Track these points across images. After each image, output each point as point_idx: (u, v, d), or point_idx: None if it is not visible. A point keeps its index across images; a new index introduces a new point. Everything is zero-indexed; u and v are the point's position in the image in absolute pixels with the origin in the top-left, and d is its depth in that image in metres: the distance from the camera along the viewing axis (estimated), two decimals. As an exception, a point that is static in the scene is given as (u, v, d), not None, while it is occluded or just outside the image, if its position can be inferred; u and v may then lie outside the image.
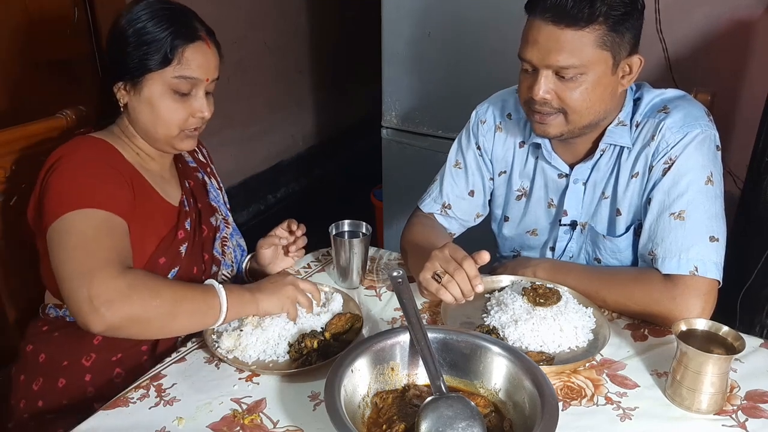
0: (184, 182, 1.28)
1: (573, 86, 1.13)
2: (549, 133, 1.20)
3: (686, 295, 1.11)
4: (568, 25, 1.08)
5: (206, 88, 1.17)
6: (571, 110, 1.15)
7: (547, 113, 1.16)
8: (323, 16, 3.61)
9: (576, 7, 1.07)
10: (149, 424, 0.94)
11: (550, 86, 1.13)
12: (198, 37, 1.15)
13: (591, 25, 1.08)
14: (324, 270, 1.37)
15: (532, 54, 1.13)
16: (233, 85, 3.05)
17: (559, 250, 1.36)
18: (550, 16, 1.09)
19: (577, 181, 1.29)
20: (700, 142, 1.16)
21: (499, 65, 2.14)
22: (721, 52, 2.42)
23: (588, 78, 1.12)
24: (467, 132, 1.41)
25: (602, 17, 1.08)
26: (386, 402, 0.94)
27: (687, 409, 0.96)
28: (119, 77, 1.15)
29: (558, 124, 1.18)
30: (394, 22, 2.31)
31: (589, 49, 1.10)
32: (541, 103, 1.15)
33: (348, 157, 4.01)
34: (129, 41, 1.13)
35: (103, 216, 1.05)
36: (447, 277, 1.07)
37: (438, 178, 1.44)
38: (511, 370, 0.94)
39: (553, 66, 1.12)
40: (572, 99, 1.14)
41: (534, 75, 1.15)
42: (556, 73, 1.13)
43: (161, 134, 1.17)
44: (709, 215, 1.14)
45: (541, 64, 1.12)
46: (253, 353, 1.05)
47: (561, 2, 1.08)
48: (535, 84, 1.14)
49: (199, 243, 1.24)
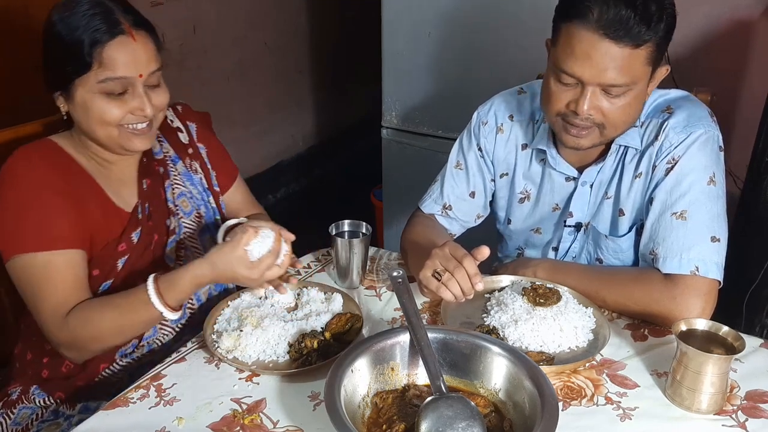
0: (141, 183, 1.21)
1: (617, 102, 1.10)
2: (582, 146, 1.17)
3: (686, 294, 1.10)
4: (627, 42, 1.03)
5: (146, 82, 1.10)
6: (610, 125, 1.13)
7: (584, 127, 1.13)
8: (323, 16, 3.61)
9: (638, 25, 1.02)
10: (149, 424, 0.94)
11: (596, 102, 1.10)
12: (119, 31, 1.06)
13: (647, 43, 1.05)
14: (324, 270, 1.36)
15: (582, 69, 1.07)
16: (233, 85, 3.05)
17: (563, 250, 1.36)
18: (610, 33, 1.03)
19: (585, 184, 1.28)
20: (703, 143, 1.16)
21: (499, 65, 2.15)
22: (721, 52, 2.42)
23: (632, 93, 1.10)
24: (468, 133, 1.40)
25: (656, 34, 1.05)
26: (386, 402, 0.94)
27: (687, 409, 0.96)
28: (53, 87, 1.11)
29: (593, 137, 1.15)
30: (394, 22, 2.31)
31: (640, 67, 1.07)
32: (583, 118, 1.11)
33: (348, 157, 4.01)
34: (49, 50, 1.08)
35: (41, 260, 1.07)
36: (447, 275, 1.06)
37: (439, 179, 1.44)
38: (511, 370, 0.94)
39: (605, 84, 1.07)
40: (615, 114, 1.11)
41: (575, 89, 1.10)
42: (602, 89, 1.08)
43: (102, 136, 1.11)
44: (711, 215, 1.14)
45: (593, 81, 1.07)
46: (253, 353, 1.05)
47: (622, 18, 1.02)
48: (580, 99, 1.09)
49: (149, 253, 1.20)
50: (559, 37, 1.10)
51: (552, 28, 1.13)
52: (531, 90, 1.36)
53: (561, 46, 1.09)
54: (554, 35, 1.12)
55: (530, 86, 1.37)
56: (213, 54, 2.89)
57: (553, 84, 1.13)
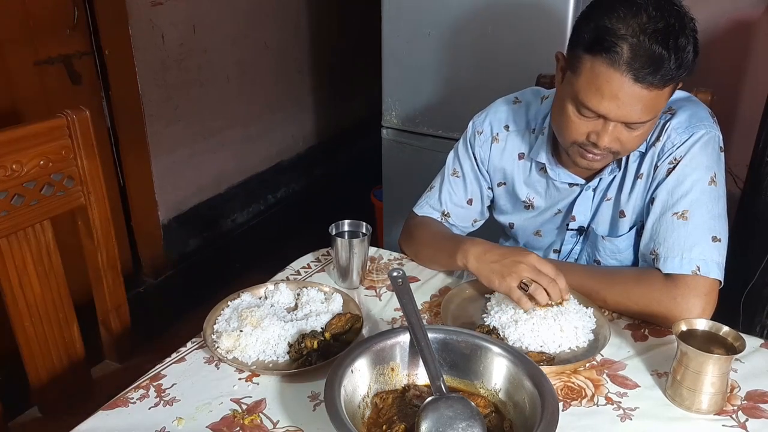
0: None
1: (636, 132, 1.09)
2: (595, 168, 1.18)
3: (687, 295, 1.10)
4: (656, 86, 1.01)
5: None
6: (624, 151, 1.13)
7: (601, 156, 1.13)
8: (323, 16, 3.61)
9: (668, 74, 0.99)
10: (149, 424, 0.94)
11: (617, 135, 1.08)
12: None
13: (672, 83, 1.04)
14: (324, 270, 1.36)
15: (609, 109, 1.04)
16: (233, 85, 3.05)
17: (564, 252, 1.36)
18: (640, 77, 0.99)
19: (589, 188, 1.28)
20: (705, 143, 1.16)
21: (499, 65, 2.15)
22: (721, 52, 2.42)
23: (651, 123, 1.09)
24: (464, 142, 1.40)
25: (686, 73, 1.03)
26: (386, 402, 0.94)
27: (687, 410, 0.96)
28: None
29: (606, 161, 1.16)
30: (394, 22, 2.31)
31: (664, 101, 1.06)
32: (602, 148, 1.10)
33: (348, 157, 4.01)
34: None
35: None
36: (535, 285, 1.07)
37: (435, 185, 1.44)
38: (512, 371, 0.94)
39: (629, 122, 1.05)
40: (632, 143, 1.11)
41: (596, 120, 1.07)
42: (625, 124, 1.07)
43: None
44: (712, 215, 1.14)
45: (617, 119, 1.05)
46: (252, 353, 1.05)
47: (655, 61, 0.98)
48: (602, 133, 1.07)
49: None
50: (581, 70, 1.05)
51: (569, 52, 1.09)
52: (525, 99, 1.35)
53: (584, 81, 1.04)
54: (574, 63, 1.06)
55: (524, 95, 1.37)
56: (213, 54, 2.89)
57: (572, 113, 1.09)
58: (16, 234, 1.25)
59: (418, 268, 1.37)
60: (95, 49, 2.48)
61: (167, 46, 2.64)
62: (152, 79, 2.60)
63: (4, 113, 2.17)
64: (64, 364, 1.38)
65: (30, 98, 2.25)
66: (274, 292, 1.20)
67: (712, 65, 2.44)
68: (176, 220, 2.89)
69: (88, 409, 0.97)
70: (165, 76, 2.66)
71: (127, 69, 2.50)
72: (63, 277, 1.35)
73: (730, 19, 2.38)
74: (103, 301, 1.46)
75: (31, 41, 2.22)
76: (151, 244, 2.82)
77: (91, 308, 1.47)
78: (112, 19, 2.43)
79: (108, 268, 1.44)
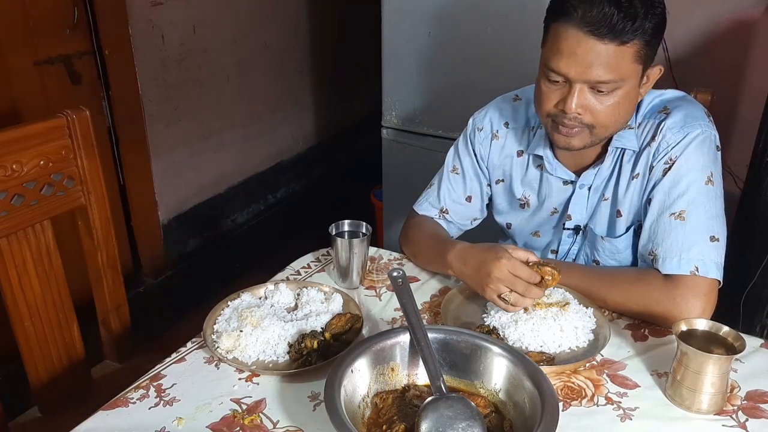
0: None
1: (606, 100, 1.10)
2: (573, 146, 1.17)
3: (686, 295, 1.10)
4: (612, 39, 1.03)
5: None
6: (599, 125, 1.13)
7: (573, 127, 1.13)
8: (323, 16, 3.61)
9: (621, 22, 1.02)
10: (149, 424, 0.94)
11: (583, 101, 1.10)
12: None
13: (633, 41, 1.05)
14: (324, 270, 1.36)
15: (568, 67, 1.07)
16: (233, 85, 3.05)
17: (562, 252, 1.36)
18: (593, 29, 1.03)
19: (583, 187, 1.28)
20: (700, 143, 1.16)
21: (499, 65, 2.15)
22: (721, 52, 2.42)
23: (621, 92, 1.10)
24: (464, 138, 1.41)
25: (643, 32, 1.05)
26: (386, 402, 0.94)
27: (687, 410, 0.96)
28: None
29: (583, 137, 1.15)
30: (394, 22, 2.31)
31: (628, 64, 1.07)
32: (571, 117, 1.12)
33: (348, 157, 4.01)
34: None
35: None
36: (515, 296, 1.07)
37: (435, 183, 1.44)
38: (512, 371, 0.94)
39: (591, 81, 1.07)
40: (604, 114, 1.11)
41: (564, 87, 1.11)
42: (590, 87, 1.09)
43: None
44: (710, 215, 1.14)
45: (579, 78, 1.08)
46: (252, 353, 1.05)
47: (605, 15, 1.02)
48: (568, 97, 1.10)
49: None
50: (547, 37, 1.11)
51: (543, 30, 1.14)
52: (526, 96, 1.36)
53: (548, 45, 1.11)
54: (543, 36, 1.13)
55: (525, 92, 1.37)
56: (213, 54, 2.89)
57: (543, 84, 1.14)
58: (16, 234, 1.25)
59: (417, 268, 1.37)
60: (95, 49, 2.48)
61: (167, 46, 2.64)
62: (152, 79, 2.60)
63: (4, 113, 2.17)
64: (64, 364, 1.38)
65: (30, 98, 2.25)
66: (274, 292, 1.20)
67: (712, 65, 2.44)
68: (176, 220, 2.89)
69: (88, 409, 0.97)
70: (165, 76, 2.66)
71: (127, 69, 2.50)
72: (63, 277, 1.35)
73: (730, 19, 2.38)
74: (103, 301, 1.46)
75: (31, 41, 2.22)
76: (151, 244, 2.83)
77: (91, 308, 1.47)
78: (112, 19, 2.43)
79: (108, 268, 1.44)
